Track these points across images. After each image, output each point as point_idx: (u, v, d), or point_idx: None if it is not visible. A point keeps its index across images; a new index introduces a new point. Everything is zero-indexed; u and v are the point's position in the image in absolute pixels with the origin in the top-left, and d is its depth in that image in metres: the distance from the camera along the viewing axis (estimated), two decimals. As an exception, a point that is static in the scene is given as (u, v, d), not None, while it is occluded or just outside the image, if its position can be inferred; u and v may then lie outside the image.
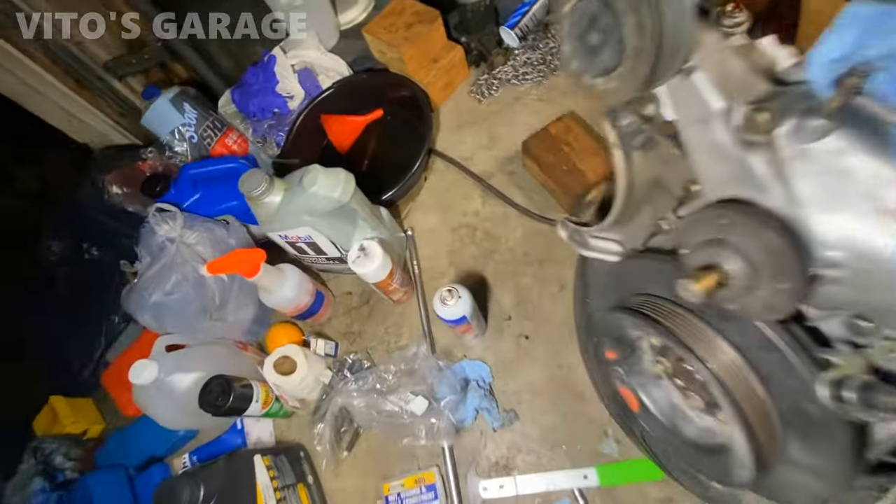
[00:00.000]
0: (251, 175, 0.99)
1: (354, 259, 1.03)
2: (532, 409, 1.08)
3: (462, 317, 0.95)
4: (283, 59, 1.50)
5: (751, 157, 0.33)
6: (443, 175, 1.45)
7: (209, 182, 1.22)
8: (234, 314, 1.18)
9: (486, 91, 1.55)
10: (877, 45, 0.25)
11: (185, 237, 1.09)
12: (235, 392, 0.99)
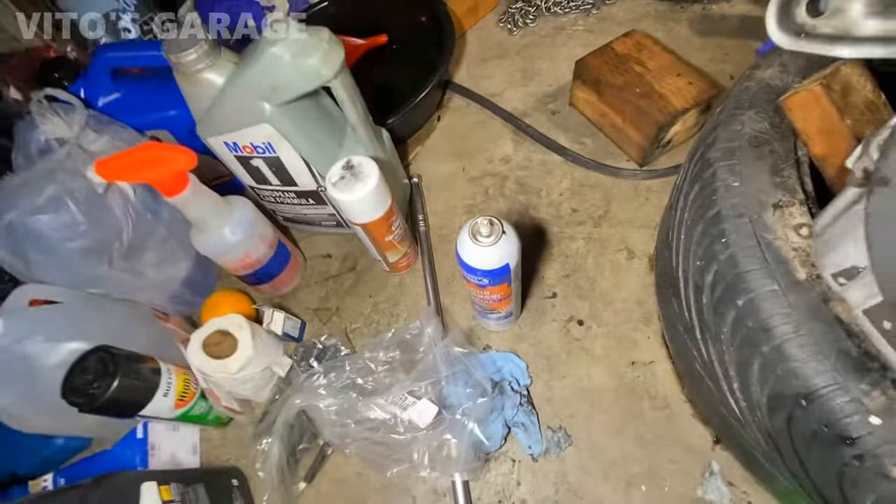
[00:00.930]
0: (184, 39, 0.63)
1: (337, 180, 0.67)
2: (591, 427, 0.71)
3: (505, 265, 0.59)
4: (265, -42, 1.16)
5: None
6: (461, 114, 1.11)
7: (137, 79, 0.86)
8: (157, 268, 0.80)
9: (520, 21, 1.23)
10: None
11: (84, 141, 0.73)
12: (127, 374, 0.60)
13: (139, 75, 0.88)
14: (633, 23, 1.16)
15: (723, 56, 1.06)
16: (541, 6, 1.23)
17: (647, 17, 1.17)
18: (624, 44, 0.95)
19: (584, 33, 1.18)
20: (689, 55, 1.06)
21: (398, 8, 1.18)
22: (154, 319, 0.80)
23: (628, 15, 1.19)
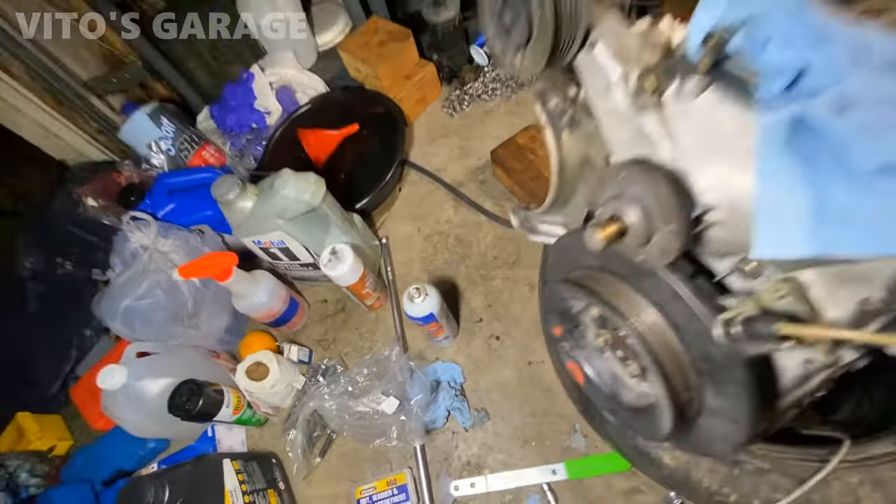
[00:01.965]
0: (224, 180, 1.02)
1: (326, 262, 1.05)
2: (502, 407, 1.09)
3: (430, 314, 0.98)
4: (262, 76, 1.55)
5: (643, 118, 0.38)
6: (417, 185, 1.50)
7: (184, 192, 1.25)
8: (208, 322, 1.18)
9: (458, 106, 1.62)
10: (738, 12, 0.30)
11: (158, 245, 1.11)
12: (206, 396, 0.99)
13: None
14: (541, 106, 1.55)
15: (602, 132, 1.45)
16: (472, 94, 1.62)
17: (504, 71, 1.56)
18: (523, 137, 1.34)
19: (505, 115, 1.57)
20: (580, 131, 1.45)
21: (361, 103, 1.56)
22: (210, 357, 1.18)
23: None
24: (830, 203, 0.26)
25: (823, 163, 0.26)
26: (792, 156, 0.27)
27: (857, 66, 0.26)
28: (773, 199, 0.28)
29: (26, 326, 1.44)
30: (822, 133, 0.26)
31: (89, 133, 1.58)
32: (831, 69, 0.26)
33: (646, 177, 0.37)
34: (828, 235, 0.26)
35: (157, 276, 1.06)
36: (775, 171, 0.28)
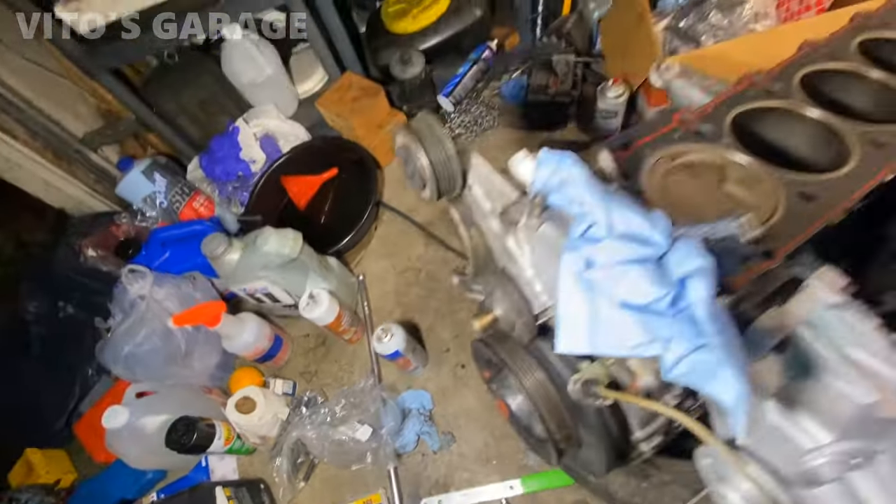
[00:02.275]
0: (212, 238, 1.15)
1: (305, 306, 1.19)
2: (467, 430, 1.22)
3: (396, 351, 1.11)
4: (246, 128, 1.69)
5: (507, 238, 0.52)
6: (391, 225, 1.64)
7: (177, 243, 1.37)
8: (200, 361, 1.31)
9: (428, 149, 1.76)
10: (555, 178, 0.44)
11: (154, 294, 1.23)
12: (199, 430, 1.11)
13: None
14: (502, 148, 1.70)
15: (557, 172, 1.60)
16: (441, 138, 1.76)
17: (511, 143, 1.71)
18: (484, 181, 1.49)
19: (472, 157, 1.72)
20: (537, 172, 1.60)
21: (339, 150, 1.70)
22: (203, 393, 1.30)
23: (499, 142, 1.73)
24: (599, 320, 0.39)
25: (597, 294, 0.39)
26: (580, 284, 0.41)
27: (609, 235, 0.39)
28: (567, 312, 0.41)
29: (32, 368, 1.55)
30: (591, 274, 0.39)
31: (87, 184, 1.71)
32: (608, 228, 0.40)
33: (505, 284, 0.51)
34: (597, 341, 0.39)
35: (154, 324, 1.19)
36: (570, 293, 0.41)
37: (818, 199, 0.46)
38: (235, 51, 1.58)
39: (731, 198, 0.49)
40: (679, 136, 0.53)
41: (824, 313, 0.42)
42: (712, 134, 0.55)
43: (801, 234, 0.44)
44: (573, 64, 1.55)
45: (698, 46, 1.43)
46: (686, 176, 0.51)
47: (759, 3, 1.41)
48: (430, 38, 1.71)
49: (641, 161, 0.52)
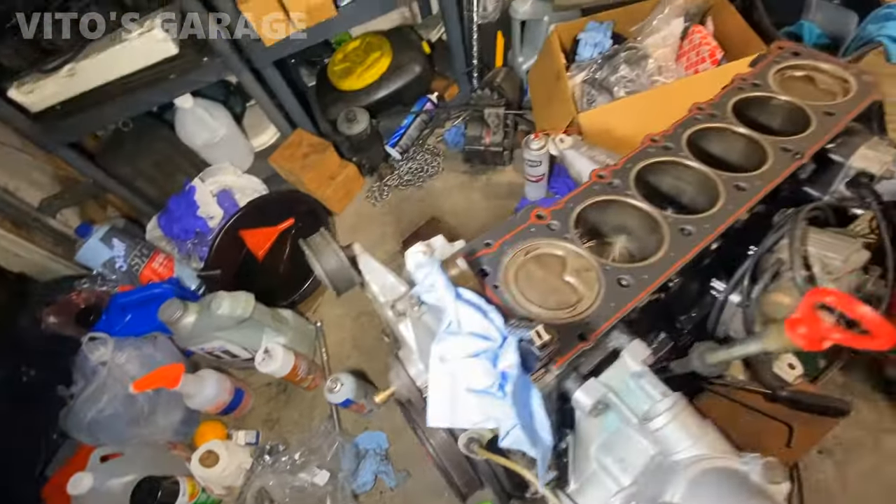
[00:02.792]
0: (168, 305, 1.23)
1: (260, 361, 1.27)
2: (421, 466, 1.32)
3: (347, 399, 1.20)
4: (202, 186, 1.77)
5: (398, 326, 0.63)
6: (345, 271, 1.74)
7: (137, 306, 1.44)
8: (164, 419, 1.37)
9: (379, 196, 1.88)
10: (427, 282, 0.56)
11: (115, 359, 1.30)
12: (163, 489, 1.18)
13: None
14: (447, 192, 1.83)
15: (497, 214, 1.74)
16: (391, 185, 1.88)
17: (455, 187, 1.84)
18: (425, 228, 1.61)
19: (418, 202, 1.84)
20: (479, 213, 1.74)
21: (293, 201, 1.80)
22: (168, 450, 1.36)
23: (445, 186, 1.86)
24: (457, 401, 0.50)
25: (454, 380, 0.51)
26: (443, 372, 0.52)
27: (460, 332, 0.51)
28: (434, 394, 0.52)
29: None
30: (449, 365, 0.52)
31: (47, 249, 1.76)
32: (458, 326, 0.52)
33: (397, 365, 0.62)
34: (455, 418, 0.51)
35: (116, 389, 1.25)
36: (436, 378, 0.53)
37: (630, 286, 0.59)
38: (188, 117, 1.68)
39: (569, 286, 0.61)
40: (534, 230, 0.65)
41: (629, 380, 0.54)
42: (616, 187, 0.68)
43: (613, 318, 0.56)
44: (503, 116, 1.69)
45: (612, 97, 1.60)
46: (536, 267, 0.63)
47: (661, 58, 1.59)
48: (374, 93, 1.84)
49: (502, 256, 0.64)
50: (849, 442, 1.19)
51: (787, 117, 0.83)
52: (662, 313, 0.81)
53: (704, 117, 0.80)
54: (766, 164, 0.72)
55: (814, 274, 0.69)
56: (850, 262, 0.68)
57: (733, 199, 0.68)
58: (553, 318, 0.56)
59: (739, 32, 1.51)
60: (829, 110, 0.78)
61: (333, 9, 1.45)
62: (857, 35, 1.59)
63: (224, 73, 1.54)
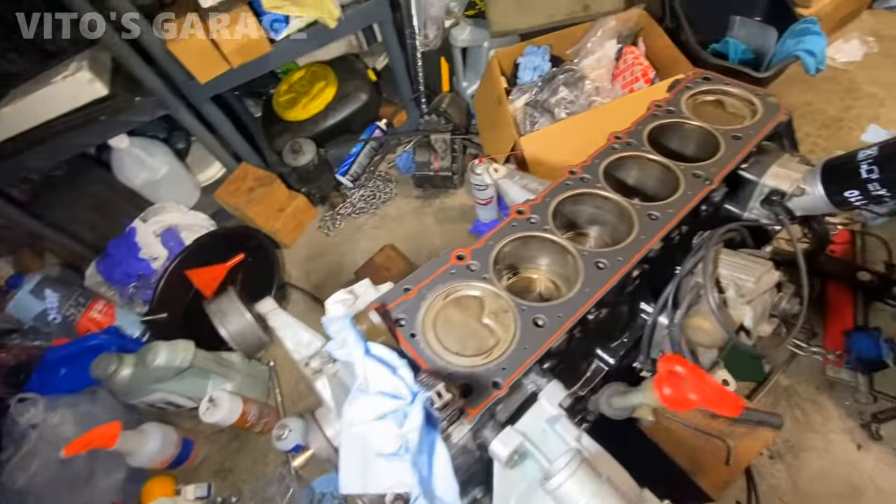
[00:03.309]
0: (100, 360, 1.16)
1: (205, 411, 1.21)
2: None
3: (297, 445, 1.15)
4: (144, 227, 1.71)
5: (317, 384, 0.62)
6: (299, 304, 1.70)
7: (73, 360, 1.36)
8: (105, 479, 1.29)
9: (332, 225, 1.85)
10: (339, 338, 0.54)
11: (48, 420, 1.22)
12: (101, 559, 1.10)
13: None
14: (401, 218, 1.82)
15: (451, 238, 1.74)
16: (343, 214, 1.86)
17: (408, 212, 1.84)
18: (380, 256, 1.59)
19: (372, 230, 1.83)
20: (433, 238, 1.73)
21: (242, 236, 1.75)
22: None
23: (398, 212, 1.85)
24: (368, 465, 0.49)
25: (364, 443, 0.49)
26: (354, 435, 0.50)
27: (367, 392, 0.50)
28: (345, 459, 0.51)
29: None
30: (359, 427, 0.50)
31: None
32: (367, 386, 0.51)
33: (313, 425, 0.60)
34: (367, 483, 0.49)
35: (49, 453, 1.17)
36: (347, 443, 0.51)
37: (546, 326, 0.58)
38: (124, 157, 1.62)
39: (487, 329, 0.60)
40: (454, 272, 0.65)
41: (545, 426, 0.54)
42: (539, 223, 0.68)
43: (526, 363, 0.55)
44: (450, 141, 1.70)
45: (554, 118, 1.63)
46: (455, 311, 0.62)
47: (597, 79, 1.64)
48: (321, 123, 1.83)
49: (421, 302, 0.63)
50: (799, 445, 1.21)
51: (699, 142, 0.85)
52: (594, 340, 0.81)
53: (621, 146, 0.82)
54: (678, 191, 0.74)
55: (727, 298, 0.70)
56: (762, 283, 0.69)
57: (646, 229, 0.69)
58: (470, 366, 0.55)
59: (668, 52, 1.57)
60: (737, 134, 0.81)
61: (268, 44, 1.44)
62: (777, 49, 1.68)
63: (159, 111, 1.49)
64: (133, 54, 1.37)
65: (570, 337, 0.61)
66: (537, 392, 0.57)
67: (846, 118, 1.73)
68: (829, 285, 1.38)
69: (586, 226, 0.83)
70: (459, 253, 0.67)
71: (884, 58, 1.86)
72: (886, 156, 0.74)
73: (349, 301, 0.67)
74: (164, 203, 1.78)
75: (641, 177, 0.84)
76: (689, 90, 0.91)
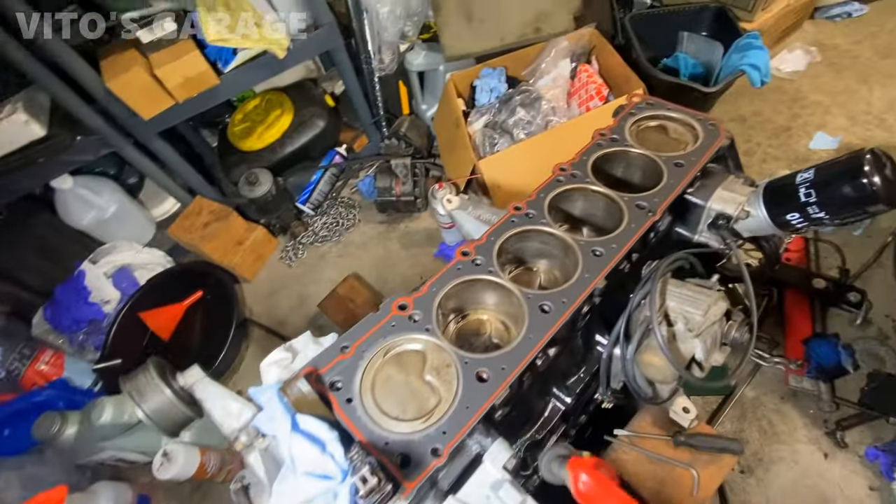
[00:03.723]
0: (42, 421, 1.09)
1: (158, 467, 1.14)
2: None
3: (257, 498, 1.10)
4: (94, 269, 1.63)
5: (247, 458, 0.59)
6: (262, 342, 1.64)
7: (16, 418, 1.28)
8: (54, 546, 1.20)
9: (294, 256, 1.80)
10: (268, 410, 0.51)
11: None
12: None
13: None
14: (365, 245, 1.79)
15: (417, 262, 1.71)
16: (305, 243, 1.82)
17: (373, 238, 1.80)
18: (343, 287, 1.55)
19: (336, 258, 1.78)
20: (399, 264, 1.70)
21: (197, 274, 1.69)
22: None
23: (362, 238, 1.82)
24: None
25: None
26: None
27: (295, 474, 0.47)
28: None
29: None
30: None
31: None
32: (294, 465, 0.48)
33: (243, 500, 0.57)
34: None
35: (-15, 526, 1.08)
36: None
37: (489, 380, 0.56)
38: (69, 198, 1.55)
39: (429, 387, 0.57)
40: (395, 324, 0.62)
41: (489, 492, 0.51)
42: (485, 264, 0.66)
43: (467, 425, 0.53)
44: (411, 165, 1.68)
45: (513, 139, 1.63)
46: (395, 369, 0.59)
47: (553, 98, 1.65)
48: (278, 151, 1.79)
49: (359, 361, 0.60)
50: (768, 458, 1.21)
51: (644, 169, 0.85)
52: (549, 380, 0.79)
53: (566, 178, 0.81)
54: (622, 223, 0.73)
55: (676, 332, 0.69)
56: (710, 315, 0.69)
57: (591, 266, 0.67)
58: (410, 432, 0.52)
59: (620, 70, 1.60)
60: (679, 161, 0.81)
61: (215, 77, 1.40)
62: (724, 64, 1.73)
63: (102, 150, 1.44)
64: (71, 94, 1.32)
65: (520, 384, 0.59)
66: (482, 453, 0.54)
67: (794, 126, 1.78)
68: (787, 294, 1.40)
69: (534, 260, 0.81)
70: (401, 302, 0.64)
71: (826, 67, 1.93)
72: (822, 179, 0.74)
73: (286, 361, 0.64)
74: (116, 242, 1.71)
75: (588, 208, 0.83)
76: (632, 116, 0.91)
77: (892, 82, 1.82)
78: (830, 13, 2.12)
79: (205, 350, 1.55)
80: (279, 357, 0.65)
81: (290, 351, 0.66)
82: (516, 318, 0.69)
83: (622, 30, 1.77)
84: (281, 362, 0.64)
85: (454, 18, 1.56)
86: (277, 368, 0.64)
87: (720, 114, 1.88)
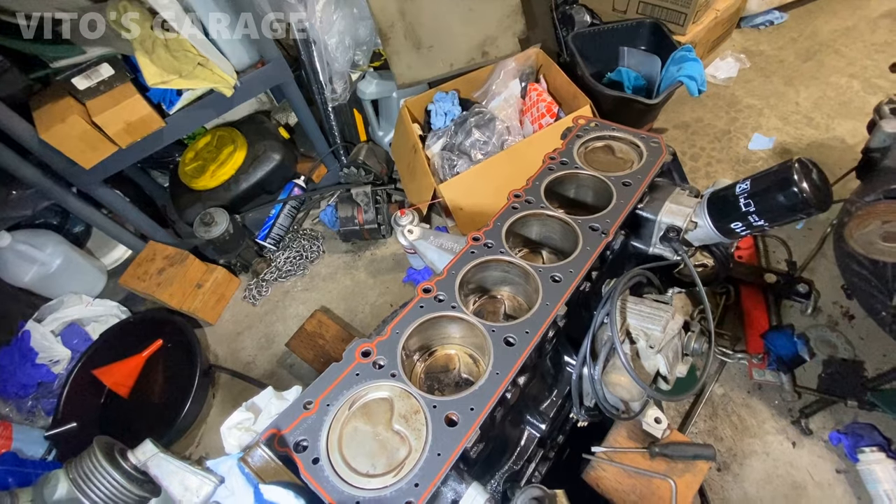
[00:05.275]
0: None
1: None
2: None
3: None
4: (40, 328, 1.53)
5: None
6: (230, 387, 1.57)
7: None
8: None
9: (258, 294, 1.75)
10: (231, 485, 0.49)
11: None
12: None
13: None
14: (332, 276, 1.75)
15: (386, 290, 1.69)
16: (269, 279, 1.77)
17: (339, 269, 1.77)
18: (311, 323, 1.51)
19: (302, 292, 1.74)
20: (368, 293, 1.67)
21: (155, 322, 1.61)
22: None
23: (328, 270, 1.78)
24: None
25: None
26: None
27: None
28: None
29: None
30: None
31: None
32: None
33: None
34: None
35: None
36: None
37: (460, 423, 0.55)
38: (7, 255, 1.45)
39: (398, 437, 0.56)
40: (359, 373, 0.61)
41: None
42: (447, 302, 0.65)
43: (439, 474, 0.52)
44: (372, 193, 1.67)
45: (472, 160, 1.65)
46: (362, 421, 0.58)
47: (506, 118, 1.68)
48: (233, 189, 1.74)
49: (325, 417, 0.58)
50: (742, 453, 1.25)
51: (595, 190, 0.88)
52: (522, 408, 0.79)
53: (521, 205, 0.82)
54: (578, 246, 0.74)
55: (639, 349, 0.71)
56: (669, 330, 0.71)
57: (551, 293, 0.68)
58: (381, 487, 0.51)
59: (566, 87, 1.65)
60: (626, 180, 0.84)
61: (160, 119, 1.36)
62: (664, 76, 1.81)
63: (41, 203, 1.36)
64: (2, 147, 1.24)
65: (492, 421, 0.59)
66: (457, 500, 0.53)
67: (733, 129, 1.88)
68: (743, 290, 1.46)
69: (497, 287, 0.82)
70: (364, 349, 0.63)
71: (755, 72, 2.07)
72: (758, 189, 0.79)
73: (248, 422, 0.61)
74: (63, 297, 1.61)
75: (544, 232, 0.85)
76: (579, 138, 0.93)
77: (815, 83, 1.96)
78: (755, 22, 2.27)
79: (168, 404, 1.48)
80: (240, 419, 0.62)
81: (251, 410, 0.64)
82: (483, 350, 0.69)
83: (566, 48, 1.83)
84: (243, 424, 0.61)
85: (403, 47, 1.57)
86: (238, 432, 0.61)
87: (664, 122, 1.97)
